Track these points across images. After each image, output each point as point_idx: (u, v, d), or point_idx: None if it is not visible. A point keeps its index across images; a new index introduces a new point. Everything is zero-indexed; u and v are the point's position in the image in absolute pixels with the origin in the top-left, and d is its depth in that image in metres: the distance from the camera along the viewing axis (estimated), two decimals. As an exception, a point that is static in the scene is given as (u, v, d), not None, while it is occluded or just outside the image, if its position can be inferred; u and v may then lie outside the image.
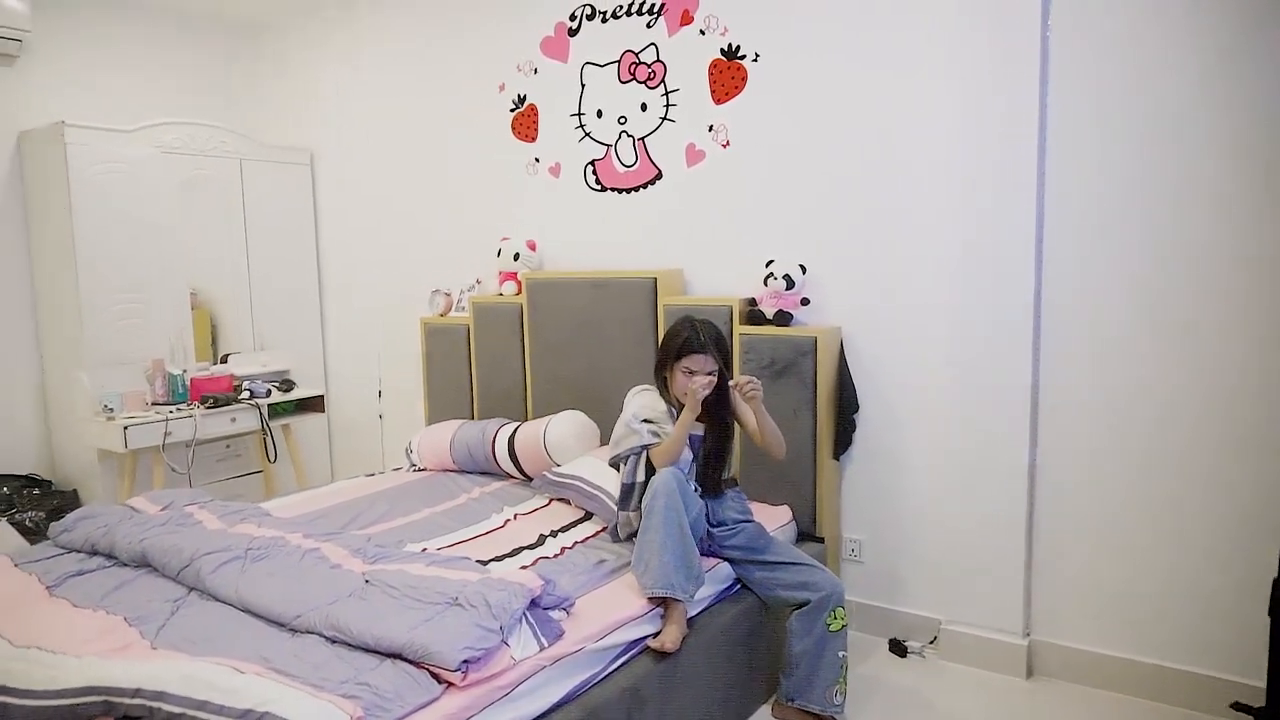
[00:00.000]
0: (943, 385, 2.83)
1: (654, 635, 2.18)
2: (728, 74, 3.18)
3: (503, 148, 3.84)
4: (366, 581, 2.12)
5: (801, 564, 2.46)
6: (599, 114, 3.52)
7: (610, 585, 2.31)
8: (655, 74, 3.35)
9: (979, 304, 2.72)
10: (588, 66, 3.53)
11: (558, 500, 2.99)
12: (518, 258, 3.65)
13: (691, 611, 2.31)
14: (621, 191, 3.51)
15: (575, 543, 2.61)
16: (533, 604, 1.97)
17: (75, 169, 3.76)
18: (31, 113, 4.00)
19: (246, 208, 4.44)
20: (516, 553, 2.52)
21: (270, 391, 4.13)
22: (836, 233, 3.01)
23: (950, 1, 2.69)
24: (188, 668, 1.69)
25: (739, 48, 3.14)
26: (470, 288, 3.91)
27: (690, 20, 3.23)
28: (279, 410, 4.16)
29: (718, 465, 2.53)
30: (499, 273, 3.71)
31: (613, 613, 2.14)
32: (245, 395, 4.02)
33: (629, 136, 3.46)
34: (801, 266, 3.00)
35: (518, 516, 2.87)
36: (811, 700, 2.37)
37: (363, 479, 3.48)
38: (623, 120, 3.46)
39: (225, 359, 4.35)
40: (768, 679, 2.55)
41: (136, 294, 3.99)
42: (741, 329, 3.04)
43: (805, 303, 3.02)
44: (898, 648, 2.94)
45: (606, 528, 2.69)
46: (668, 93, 3.33)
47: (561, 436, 3.17)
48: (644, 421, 2.54)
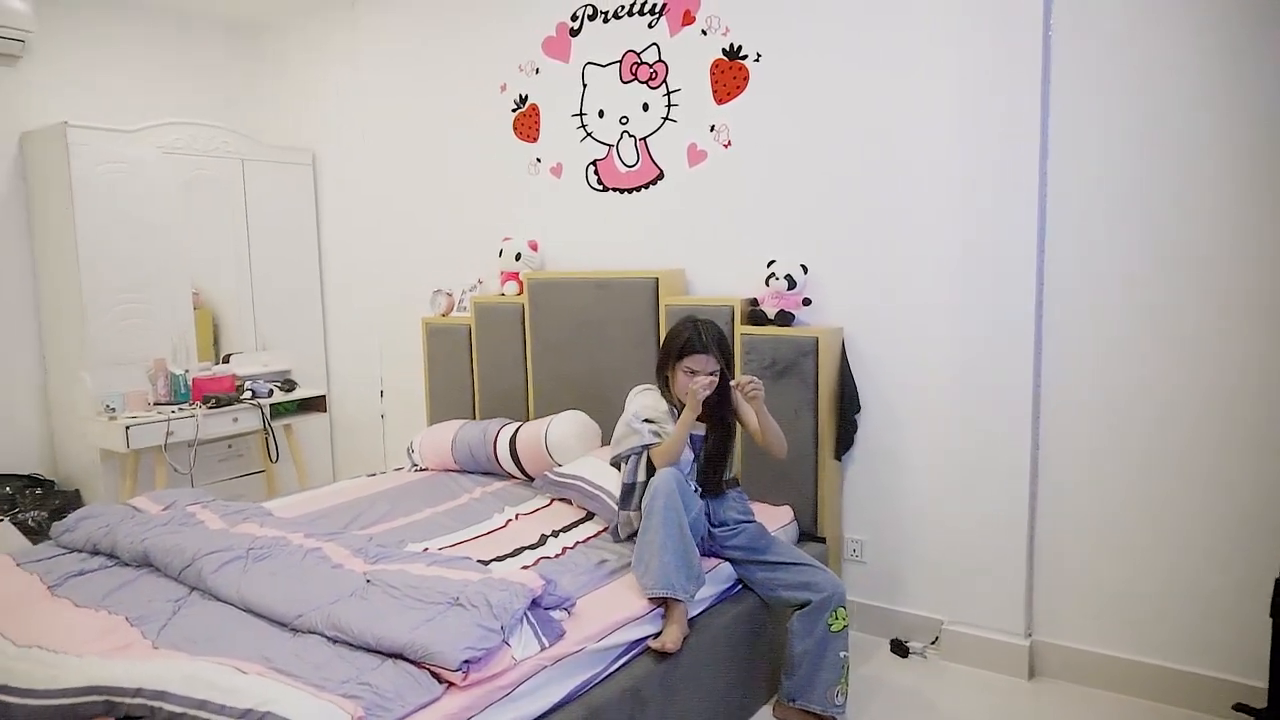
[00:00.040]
0: (944, 385, 2.83)
1: (655, 635, 2.18)
2: (729, 74, 3.18)
3: (504, 148, 3.84)
4: (368, 581, 2.12)
5: (803, 564, 2.46)
6: (600, 114, 3.53)
7: (611, 585, 2.31)
8: (657, 74, 3.35)
9: (980, 304, 2.72)
10: (589, 66, 3.54)
11: (559, 500, 2.99)
12: (519, 258, 3.65)
13: (693, 612, 2.31)
14: (623, 191, 3.51)
15: (576, 543, 2.61)
16: (534, 604, 1.97)
17: (78, 169, 3.76)
18: (34, 113, 4.01)
19: (248, 208, 4.44)
20: (518, 553, 2.52)
21: (272, 391, 4.14)
22: (838, 233, 3.01)
23: (953, 2, 2.69)
24: (189, 667, 1.69)
25: (740, 48, 3.14)
26: (472, 288, 3.91)
27: (692, 20, 3.23)
28: (281, 410, 4.16)
29: (719, 465, 2.53)
30: (500, 273, 3.72)
31: (614, 613, 2.14)
32: (247, 395, 4.02)
33: (631, 136, 3.46)
34: (803, 267, 3.00)
35: (519, 516, 2.87)
36: (813, 701, 2.37)
37: (364, 479, 3.48)
38: (624, 120, 3.46)
39: (227, 359, 4.35)
40: (769, 679, 2.55)
41: (138, 294, 4.00)
42: (743, 329, 3.04)
43: (807, 303, 3.02)
44: (899, 648, 2.93)
45: (608, 528, 2.69)
46: (669, 93, 3.33)
47: (563, 436, 3.17)
48: (645, 421, 2.54)
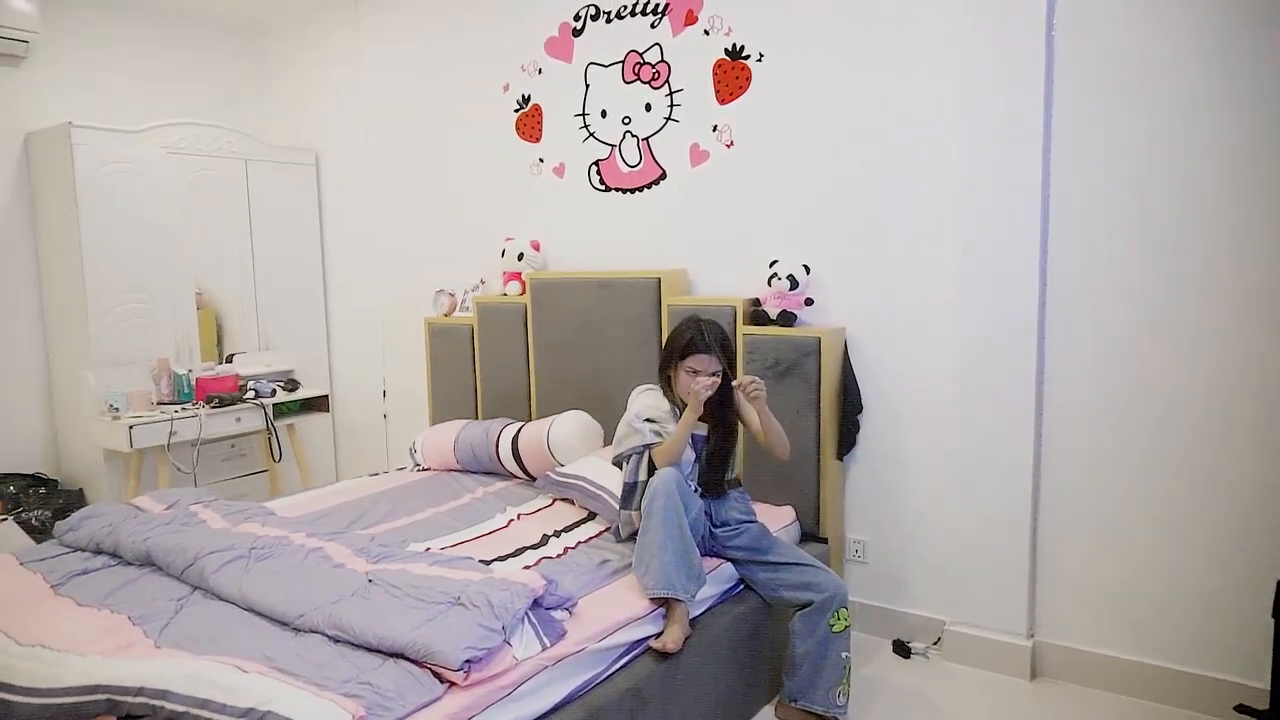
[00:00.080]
0: (946, 386, 2.83)
1: (656, 636, 2.18)
2: (732, 74, 3.17)
3: (507, 148, 3.85)
4: (369, 581, 2.12)
5: (805, 565, 2.46)
6: (603, 114, 3.53)
7: (613, 585, 2.31)
8: (659, 74, 3.35)
9: (982, 305, 2.71)
10: (592, 67, 3.54)
11: (561, 500, 2.99)
12: (522, 258, 3.66)
13: (694, 612, 2.31)
14: (626, 191, 3.51)
15: (578, 543, 2.61)
16: (535, 604, 1.97)
17: (82, 169, 3.78)
18: (38, 114, 4.02)
19: (251, 208, 4.45)
20: (519, 552, 2.53)
21: (275, 391, 4.14)
22: (841, 232, 3.00)
23: (955, 2, 2.69)
24: (191, 666, 1.69)
25: (743, 48, 3.14)
26: (474, 288, 3.91)
27: (694, 20, 3.23)
28: (284, 410, 4.17)
29: (721, 465, 2.53)
30: (503, 273, 3.72)
31: (615, 613, 2.14)
32: (250, 395, 4.03)
33: (633, 137, 3.46)
34: (805, 267, 3.00)
35: (521, 516, 2.88)
36: (815, 701, 2.37)
37: (367, 479, 3.48)
38: (627, 120, 3.46)
39: (230, 359, 4.36)
40: (770, 680, 2.55)
41: (142, 294, 4.01)
42: (745, 329, 3.04)
43: (809, 303, 3.01)
44: (901, 649, 2.93)
45: (609, 528, 2.69)
46: (672, 93, 3.33)
47: (565, 436, 3.17)
48: (646, 421, 2.54)
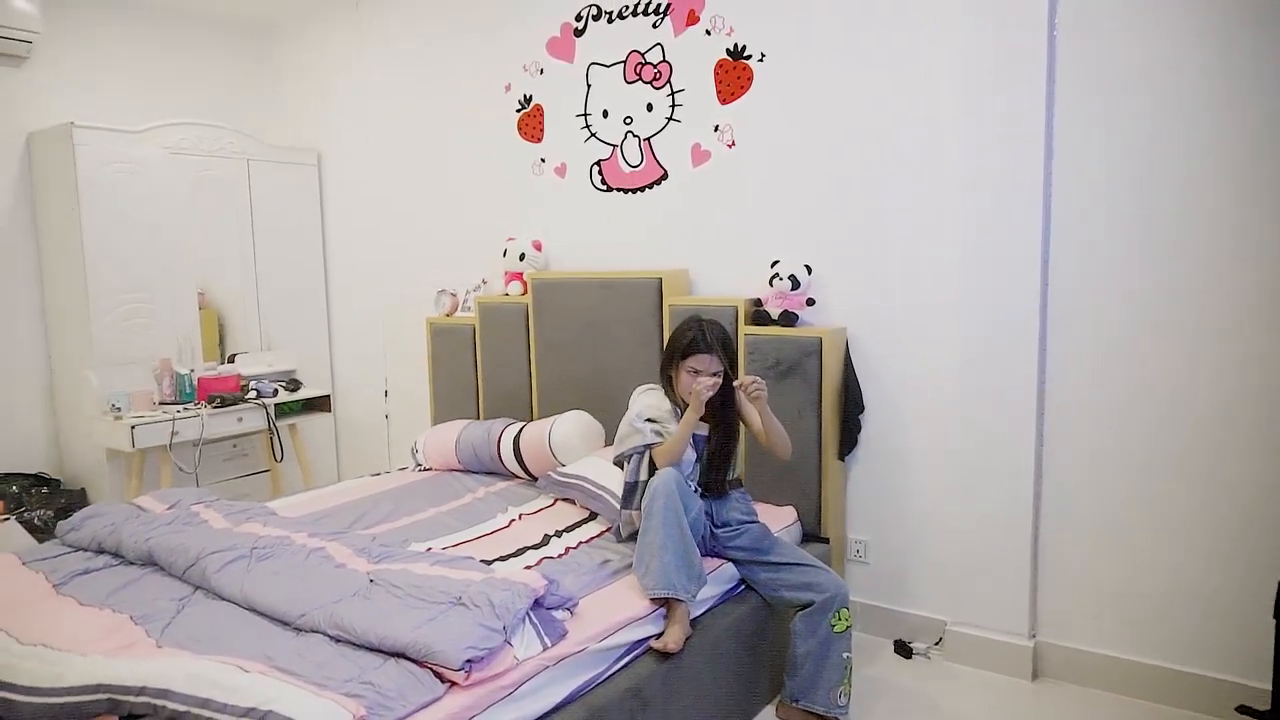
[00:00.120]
0: (947, 385, 2.83)
1: (657, 636, 2.18)
2: (733, 74, 3.17)
3: (508, 148, 3.85)
4: (371, 581, 2.12)
5: (806, 565, 2.46)
6: (605, 114, 3.53)
7: (614, 585, 2.31)
8: (661, 74, 3.35)
9: (983, 304, 2.71)
10: (594, 67, 3.54)
11: (562, 500, 2.99)
12: (523, 258, 3.66)
13: (695, 612, 2.31)
14: (627, 191, 3.51)
15: (580, 543, 2.61)
16: (536, 604, 1.97)
17: (84, 170, 3.78)
18: (40, 114, 4.02)
19: (253, 208, 4.46)
20: (521, 552, 2.53)
21: (277, 391, 4.15)
22: (842, 232, 3.00)
23: (955, 2, 2.69)
24: (192, 666, 1.69)
25: (745, 48, 3.14)
26: (476, 288, 3.91)
27: (696, 20, 3.23)
28: (285, 410, 4.17)
29: (722, 466, 2.53)
30: (505, 273, 3.72)
31: (616, 613, 2.14)
32: (252, 395, 4.03)
33: (635, 137, 3.46)
34: (807, 267, 3.00)
35: (522, 516, 2.88)
36: (816, 701, 2.37)
37: (368, 479, 3.48)
38: (628, 120, 3.46)
39: (232, 359, 4.36)
40: (772, 680, 2.55)
41: (144, 294, 4.01)
42: (747, 329, 3.04)
43: (811, 303, 3.01)
44: (903, 649, 2.93)
45: (611, 528, 2.69)
46: (673, 93, 3.33)
47: (566, 436, 3.17)
48: (648, 421, 2.54)
